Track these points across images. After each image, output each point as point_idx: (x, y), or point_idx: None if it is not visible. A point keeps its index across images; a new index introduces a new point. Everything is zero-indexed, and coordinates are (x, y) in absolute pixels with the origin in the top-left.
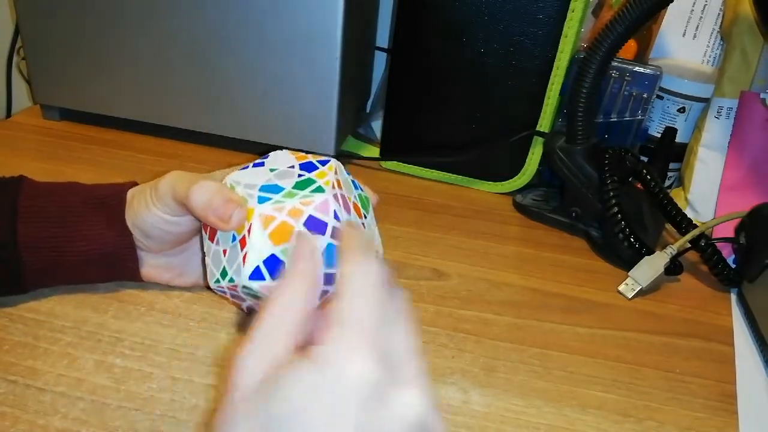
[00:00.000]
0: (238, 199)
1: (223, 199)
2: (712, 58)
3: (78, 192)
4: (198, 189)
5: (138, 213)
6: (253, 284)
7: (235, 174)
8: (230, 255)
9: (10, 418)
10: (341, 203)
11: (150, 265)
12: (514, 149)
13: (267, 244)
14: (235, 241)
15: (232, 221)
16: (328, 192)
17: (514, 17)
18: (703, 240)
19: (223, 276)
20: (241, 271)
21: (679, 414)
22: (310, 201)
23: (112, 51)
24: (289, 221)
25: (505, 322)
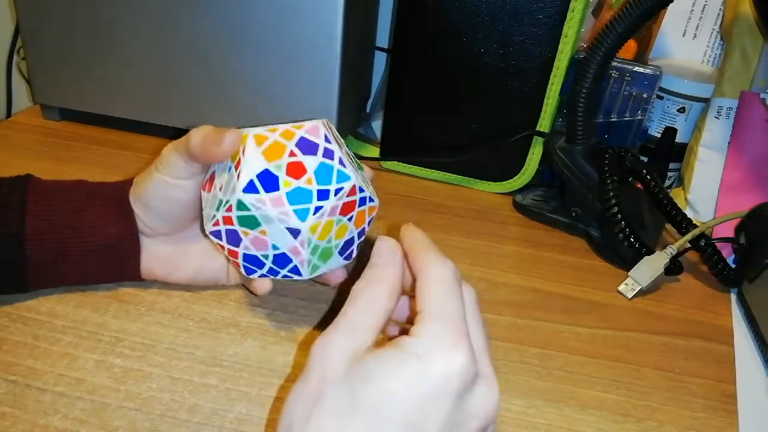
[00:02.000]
0: (231, 129)
1: (216, 130)
2: (712, 58)
3: (83, 187)
4: (194, 131)
5: (141, 184)
6: (247, 197)
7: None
8: (226, 184)
9: (9, 417)
10: (332, 135)
11: (151, 255)
12: (514, 149)
13: (260, 159)
14: (231, 169)
15: (225, 142)
16: (318, 121)
17: (514, 17)
18: (703, 240)
19: (218, 208)
20: (236, 187)
21: (678, 414)
22: (302, 125)
23: (112, 51)
24: (281, 141)
25: (505, 322)
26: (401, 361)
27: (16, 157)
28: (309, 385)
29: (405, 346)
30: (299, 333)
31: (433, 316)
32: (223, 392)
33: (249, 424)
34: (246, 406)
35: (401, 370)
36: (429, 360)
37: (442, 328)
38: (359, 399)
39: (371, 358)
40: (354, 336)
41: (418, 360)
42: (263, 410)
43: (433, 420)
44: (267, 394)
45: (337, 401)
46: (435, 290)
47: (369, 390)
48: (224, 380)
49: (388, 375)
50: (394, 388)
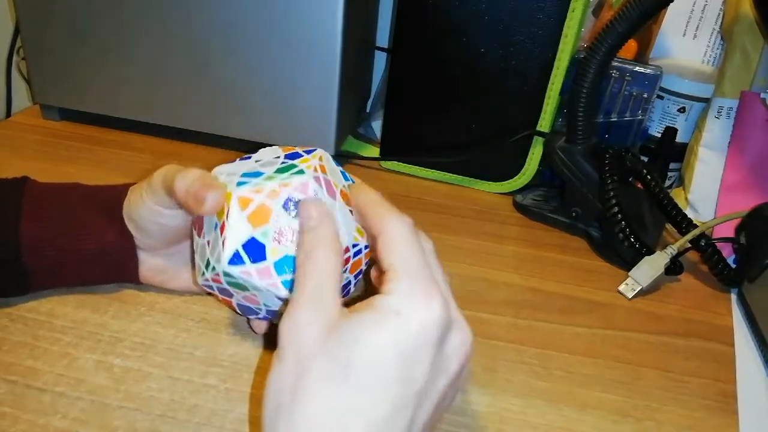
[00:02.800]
0: (217, 184)
1: (201, 184)
2: (712, 58)
3: (80, 192)
4: (181, 175)
5: (132, 206)
6: (233, 269)
7: (221, 167)
8: (212, 244)
9: (9, 418)
10: (324, 186)
11: (146, 266)
12: (515, 149)
13: (245, 226)
14: (216, 228)
15: (207, 203)
16: (308, 174)
17: (514, 17)
18: (703, 240)
19: (207, 268)
20: (221, 257)
21: (678, 414)
22: (289, 183)
23: (112, 51)
24: (267, 203)
25: (505, 322)
26: (381, 321)
27: (15, 157)
28: (287, 365)
29: (382, 306)
30: None
31: (403, 273)
32: (223, 392)
33: (249, 425)
34: (246, 406)
35: (382, 329)
36: (407, 314)
37: (413, 283)
38: (346, 363)
39: (350, 322)
40: (319, 306)
41: (398, 316)
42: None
43: (419, 370)
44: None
45: (324, 370)
46: (399, 248)
47: (354, 353)
48: (224, 380)
49: (371, 335)
50: (379, 346)
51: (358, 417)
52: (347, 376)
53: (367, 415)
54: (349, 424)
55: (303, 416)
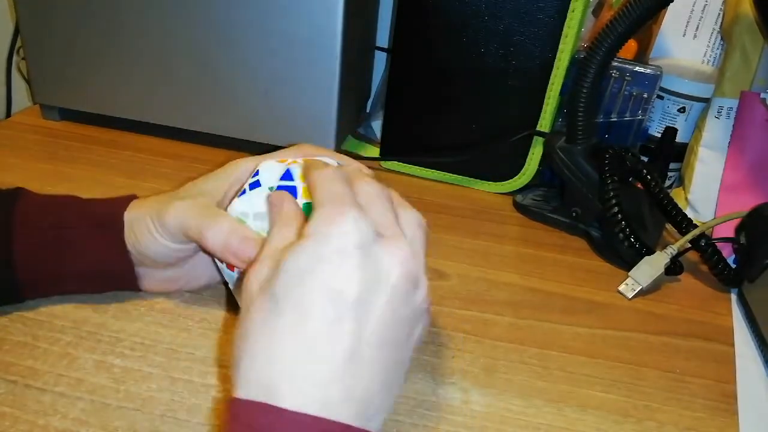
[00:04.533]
0: (254, 236)
1: (239, 239)
2: (712, 58)
3: (74, 206)
4: (212, 231)
5: (141, 241)
6: None
7: (238, 203)
8: None
9: (9, 418)
10: None
11: (152, 280)
12: (514, 149)
13: None
14: None
15: (250, 257)
16: None
17: (514, 17)
18: (703, 240)
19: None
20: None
21: (679, 414)
22: None
23: (112, 51)
24: None
25: (505, 322)
26: (299, 246)
27: (15, 157)
28: (246, 313)
29: (304, 233)
30: None
31: (317, 204)
32: (223, 392)
33: None
34: None
35: (302, 251)
36: (318, 233)
37: (326, 207)
38: (273, 292)
39: (280, 259)
40: (269, 262)
41: (314, 237)
42: None
43: (342, 281)
44: None
45: (263, 304)
46: (318, 186)
47: (280, 281)
48: (224, 380)
49: (292, 261)
50: (297, 267)
51: (288, 336)
52: (276, 303)
53: (297, 333)
54: (282, 344)
55: (247, 351)
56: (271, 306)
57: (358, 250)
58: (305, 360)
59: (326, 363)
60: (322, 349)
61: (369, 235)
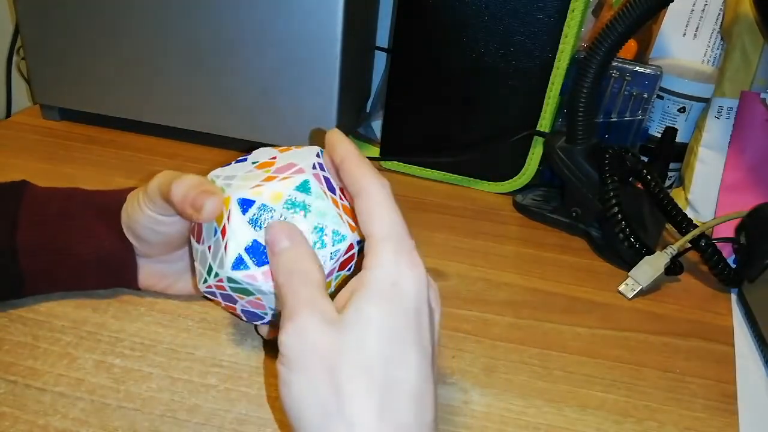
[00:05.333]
0: (214, 189)
1: (198, 190)
2: (712, 58)
3: (78, 197)
4: (177, 182)
5: (130, 214)
6: (236, 274)
7: (217, 170)
8: (214, 249)
9: (9, 418)
10: (324, 183)
11: (146, 272)
12: (515, 149)
13: (247, 229)
14: (217, 233)
15: (205, 209)
16: (308, 172)
17: (515, 17)
18: (703, 240)
19: (209, 273)
20: (224, 262)
21: (679, 414)
22: (291, 182)
23: (112, 51)
24: (268, 204)
25: (506, 322)
26: (383, 297)
27: (15, 157)
28: (311, 372)
29: (377, 280)
30: None
31: (385, 241)
32: (222, 392)
33: (248, 425)
34: (245, 406)
35: (388, 305)
36: (403, 284)
37: (397, 251)
38: (370, 349)
39: (355, 308)
40: (315, 309)
41: (394, 287)
42: (263, 410)
43: (425, 329)
44: (267, 394)
45: (354, 363)
46: (378, 212)
47: (372, 336)
48: (224, 380)
49: (381, 315)
50: (392, 323)
51: (399, 395)
52: (377, 361)
53: (406, 391)
54: (396, 403)
55: (357, 413)
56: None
57: (426, 303)
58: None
59: (427, 414)
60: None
61: (427, 284)
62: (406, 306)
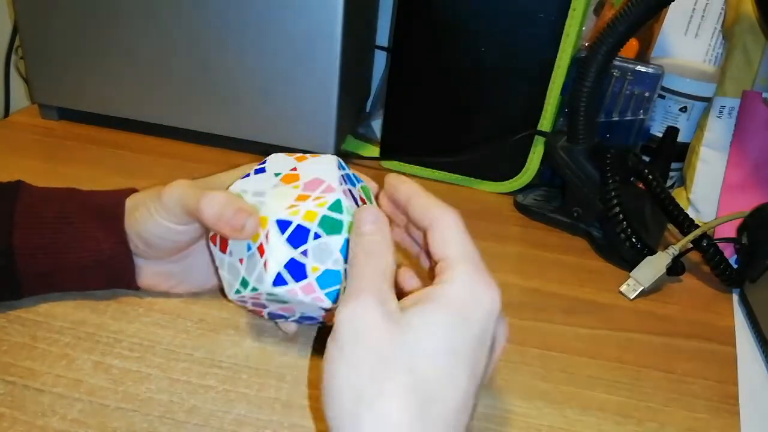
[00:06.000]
0: (249, 208)
1: (234, 209)
2: (713, 57)
3: (76, 198)
4: (208, 201)
5: (141, 223)
6: (277, 290)
7: (240, 183)
8: (249, 264)
9: (8, 419)
10: (350, 198)
11: (150, 274)
12: (515, 149)
13: (285, 248)
14: (252, 249)
15: (246, 230)
16: (337, 191)
17: (515, 16)
18: (705, 240)
19: (244, 286)
20: (264, 279)
21: (680, 415)
22: (324, 202)
23: (111, 50)
24: (304, 224)
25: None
26: (450, 312)
27: (13, 157)
28: (358, 353)
29: (447, 296)
30: (298, 334)
31: (461, 261)
32: (221, 393)
33: (247, 426)
34: (245, 407)
35: (454, 321)
36: (474, 305)
37: (474, 271)
38: (425, 358)
39: (419, 313)
40: (378, 295)
41: (465, 307)
42: (262, 411)
43: (483, 356)
44: (266, 395)
45: (403, 363)
46: (453, 237)
47: (428, 346)
48: (223, 381)
49: (444, 329)
50: (454, 341)
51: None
52: (427, 369)
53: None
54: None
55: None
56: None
57: (494, 329)
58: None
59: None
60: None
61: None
62: (472, 327)
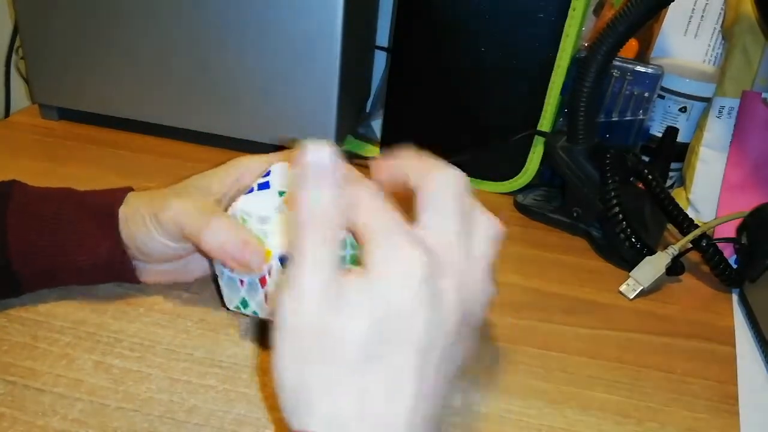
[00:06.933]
0: (254, 241)
1: (238, 243)
2: (713, 58)
3: (71, 199)
4: (211, 233)
5: (137, 236)
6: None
7: (243, 202)
8: (249, 288)
9: (8, 418)
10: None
11: (150, 273)
12: (515, 149)
13: None
14: (254, 278)
15: (252, 265)
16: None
17: (515, 16)
18: (704, 240)
19: (243, 305)
20: (265, 308)
21: (680, 415)
22: None
23: (111, 50)
24: None
25: (506, 322)
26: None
27: (14, 157)
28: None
29: (368, 270)
30: None
31: (372, 233)
32: (222, 393)
33: (248, 425)
34: (245, 407)
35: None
36: (387, 275)
37: (388, 241)
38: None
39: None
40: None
41: (380, 279)
42: (262, 411)
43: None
44: (266, 395)
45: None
46: (368, 210)
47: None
48: (223, 381)
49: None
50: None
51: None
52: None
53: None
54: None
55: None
56: (338, 344)
57: (427, 298)
58: (382, 405)
59: (399, 406)
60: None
61: (434, 278)
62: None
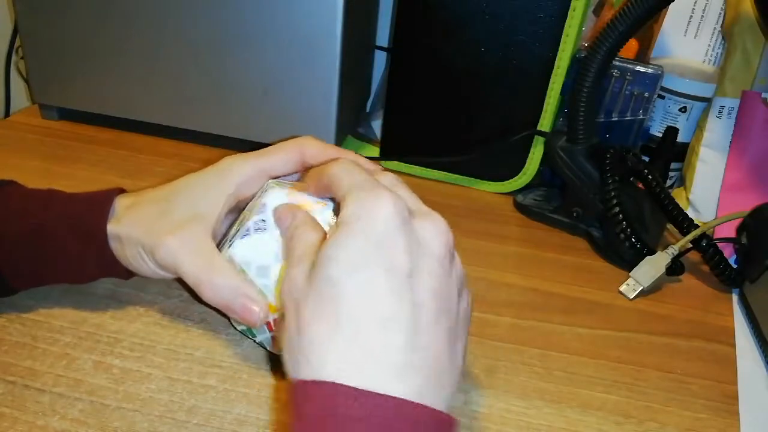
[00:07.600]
0: (257, 299)
1: (242, 303)
2: (713, 58)
3: (54, 206)
4: (212, 289)
5: (131, 262)
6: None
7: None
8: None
9: (8, 418)
10: None
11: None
12: (515, 149)
13: None
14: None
15: (256, 324)
16: None
17: (515, 16)
18: (704, 240)
19: (251, 334)
20: (271, 346)
21: (680, 415)
22: None
23: (111, 50)
24: None
25: (506, 322)
26: (346, 232)
27: (14, 157)
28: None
29: (340, 223)
30: None
31: (347, 190)
32: (222, 393)
33: (248, 425)
34: (245, 407)
35: (351, 237)
36: (363, 216)
37: (360, 191)
38: (333, 280)
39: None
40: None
41: (357, 222)
42: (262, 411)
43: (397, 253)
44: (266, 395)
45: (319, 297)
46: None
47: (336, 269)
48: (223, 381)
49: (344, 248)
50: (353, 251)
51: (357, 317)
52: (336, 287)
53: (365, 313)
54: (351, 325)
55: (312, 337)
56: (332, 292)
57: (402, 226)
58: (377, 337)
59: (397, 337)
60: (391, 325)
61: (406, 212)
62: (368, 236)
